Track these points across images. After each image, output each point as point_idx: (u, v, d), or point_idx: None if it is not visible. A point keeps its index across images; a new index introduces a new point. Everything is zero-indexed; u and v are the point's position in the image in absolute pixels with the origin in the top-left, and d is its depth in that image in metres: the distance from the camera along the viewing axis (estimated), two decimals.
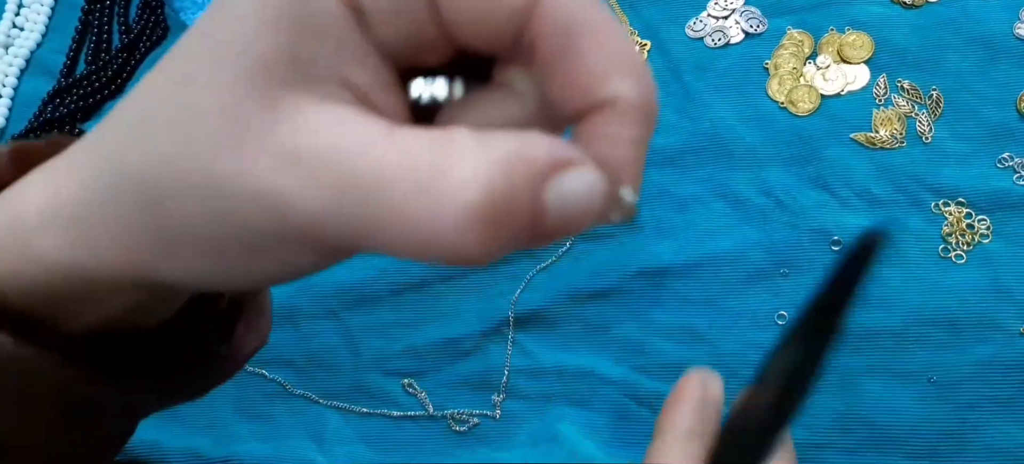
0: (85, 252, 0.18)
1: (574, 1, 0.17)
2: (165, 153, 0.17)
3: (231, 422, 0.49)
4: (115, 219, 0.18)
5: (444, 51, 0.18)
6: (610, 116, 0.17)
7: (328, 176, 0.15)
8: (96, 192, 0.18)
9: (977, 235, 0.48)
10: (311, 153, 0.15)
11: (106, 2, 0.66)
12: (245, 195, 0.16)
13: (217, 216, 0.16)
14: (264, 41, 0.16)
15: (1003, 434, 0.43)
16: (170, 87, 0.17)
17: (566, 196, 0.15)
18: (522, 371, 0.49)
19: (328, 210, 0.15)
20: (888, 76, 0.52)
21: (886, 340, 0.46)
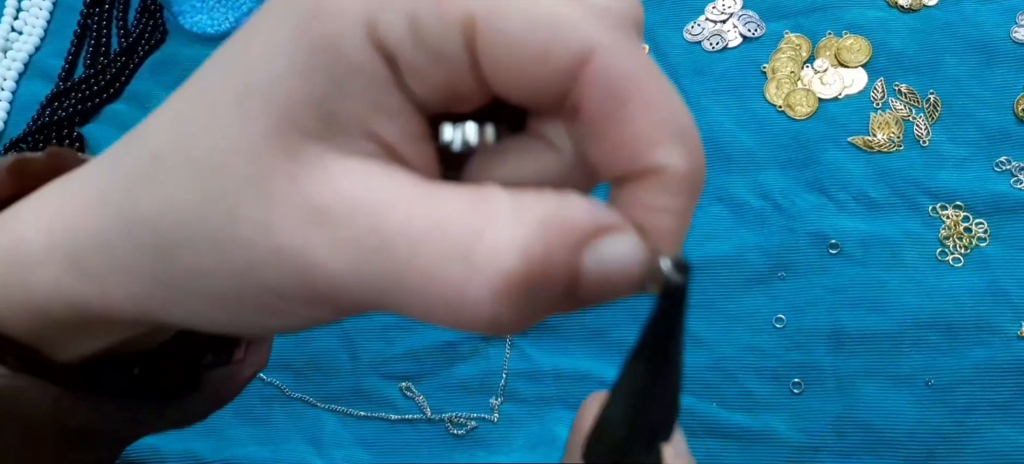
0: (92, 290, 0.18)
1: (627, 59, 0.15)
2: (181, 200, 0.16)
3: (229, 425, 0.49)
4: (125, 262, 0.17)
5: (478, 101, 0.16)
6: (656, 184, 0.15)
7: (353, 235, 0.14)
8: (106, 232, 0.17)
9: (974, 238, 0.48)
10: (336, 210, 0.15)
11: (105, 6, 0.66)
12: (266, 251, 0.15)
13: (234, 271, 0.16)
14: (292, 88, 0.15)
15: (1000, 437, 0.44)
16: (188, 127, 0.16)
17: (605, 263, 0.15)
18: (520, 374, 0.49)
19: (352, 271, 0.14)
20: (886, 80, 0.52)
21: (883, 343, 0.46)
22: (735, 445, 0.45)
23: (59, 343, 0.20)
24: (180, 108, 0.17)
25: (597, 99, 0.15)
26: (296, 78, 0.15)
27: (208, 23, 0.62)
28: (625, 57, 0.15)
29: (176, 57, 0.63)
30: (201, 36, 0.63)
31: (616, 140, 0.15)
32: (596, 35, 0.15)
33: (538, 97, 0.16)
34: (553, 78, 0.15)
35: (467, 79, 0.15)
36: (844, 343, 0.46)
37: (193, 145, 0.16)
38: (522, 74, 0.15)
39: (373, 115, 0.15)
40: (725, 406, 0.46)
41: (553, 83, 0.15)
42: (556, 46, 0.15)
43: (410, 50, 0.15)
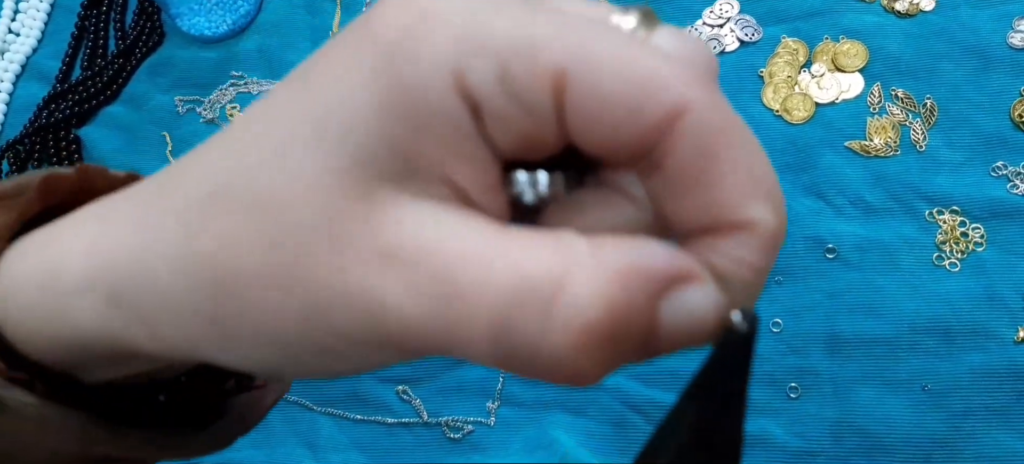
0: (138, 328, 0.17)
1: (718, 116, 0.15)
2: (245, 239, 0.15)
3: None
4: (177, 301, 0.16)
5: (554, 149, 0.16)
6: (740, 240, 0.15)
7: (429, 281, 0.14)
8: (154, 268, 0.16)
9: (971, 243, 0.48)
10: (411, 253, 0.14)
11: (102, 8, 0.66)
12: (337, 293, 0.15)
13: (300, 313, 0.15)
14: (372, 129, 0.14)
15: (996, 442, 0.44)
16: (253, 162, 0.15)
17: (684, 313, 0.14)
18: (517, 378, 0.49)
19: (427, 316, 0.14)
20: (882, 84, 0.52)
21: (879, 348, 0.46)
22: None
23: (89, 370, 0.19)
24: (243, 141, 0.16)
25: (687, 155, 0.15)
26: (375, 118, 0.14)
27: (205, 25, 0.62)
28: (716, 113, 0.15)
29: (173, 59, 0.63)
30: (198, 38, 0.63)
31: (703, 196, 0.15)
32: (689, 92, 0.14)
33: (621, 151, 0.15)
34: (642, 134, 0.15)
35: (549, 130, 0.15)
36: (841, 348, 0.47)
37: (259, 182, 0.15)
38: (610, 129, 0.15)
39: (451, 160, 0.15)
40: None
41: (641, 139, 0.15)
42: (648, 103, 0.14)
43: (497, 99, 0.14)
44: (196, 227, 0.16)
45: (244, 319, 0.16)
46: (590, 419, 0.48)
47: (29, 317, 0.18)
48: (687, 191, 0.15)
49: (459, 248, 0.14)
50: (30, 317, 0.18)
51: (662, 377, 0.48)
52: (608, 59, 0.14)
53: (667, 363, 0.48)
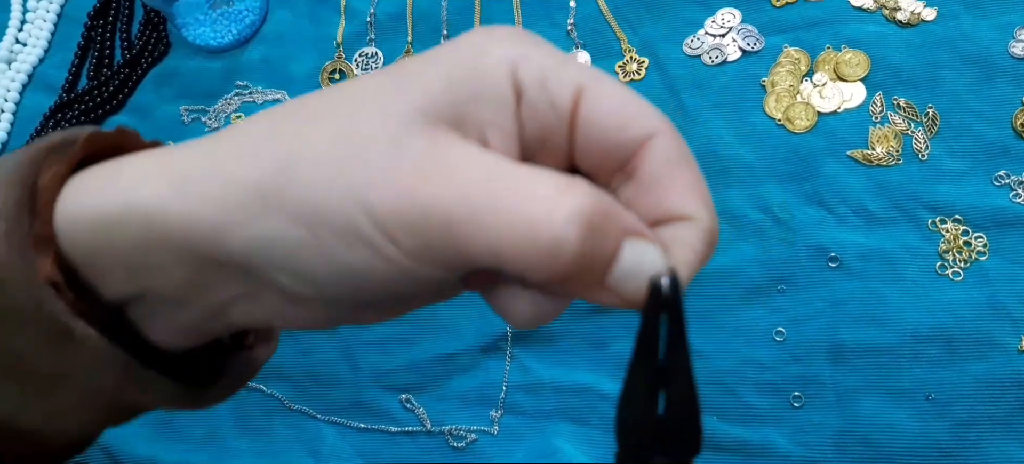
0: (181, 201, 0.20)
1: (679, 141, 0.22)
2: (322, 138, 0.20)
3: (229, 437, 0.49)
4: (232, 172, 0.20)
5: (558, 160, 0.22)
6: (686, 226, 0.21)
7: (465, 177, 0.19)
8: (220, 152, 0.20)
9: (974, 252, 0.48)
10: (457, 163, 0.19)
11: (108, 18, 0.66)
12: (384, 176, 0.19)
13: (346, 189, 0.19)
14: (440, 92, 0.20)
15: (1000, 452, 0.43)
16: (340, 100, 0.20)
17: (638, 257, 0.20)
18: (520, 387, 0.49)
19: (457, 200, 0.18)
20: (884, 94, 0.52)
21: (883, 357, 0.46)
22: (734, 459, 0.45)
23: (107, 275, 0.21)
24: (332, 92, 0.21)
25: (655, 164, 0.21)
26: (444, 86, 0.20)
27: (211, 36, 0.62)
28: (679, 140, 0.22)
29: (179, 69, 0.64)
30: (203, 49, 0.63)
31: (662, 195, 0.21)
32: (661, 122, 0.22)
33: (610, 157, 0.22)
34: (628, 142, 0.21)
35: (562, 131, 0.21)
36: (844, 356, 0.47)
37: (343, 110, 0.20)
38: (606, 134, 0.21)
39: (491, 127, 0.20)
40: (725, 419, 0.46)
41: (626, 146, 0.21)
42: (635, 120, 0.21)
43: (535, 91, 0.21)
44: (278, 134, 0.20)
45: (291, 189, 0.19)
46: (593, 428, 0.48)
47: (86, 212, 0.21)
48: (651, 192, 0.21)
49: (492, 162, 0.19)
50: (87, 212, 0.21)
51: None
52: (612, 88, 0.21)
53: None
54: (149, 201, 0.20)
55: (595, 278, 0.19)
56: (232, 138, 0.21)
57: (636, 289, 0.20)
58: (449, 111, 0.20)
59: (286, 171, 0.19)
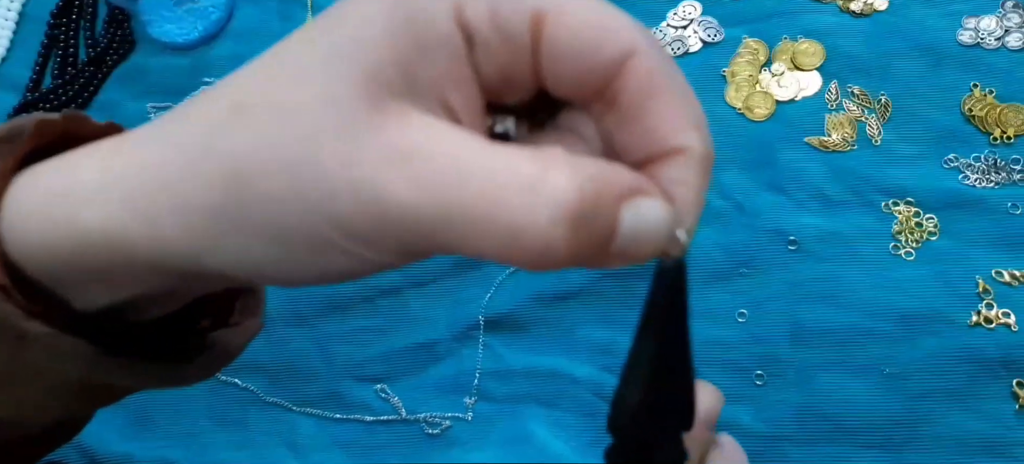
0: (143, 228, 0.18)
1: (662, 59, 0.18)
2: (264, 135, 0.17)
3: (205, 431, 0.50)
4: (186, 200, 0.18)
5: (526, 92, 0.19)
6: (679, 162, 0.19)
7: (430, 171, 0.16)
8: (170, 170, 0.18)
9: (925, 233, 0.50)
10: (416, 150, 0.17)
11: (72, 16, 0.66)
12: (343, 182, 0.17)
13: (307, 202, 0.17)
14: (383, 50, 0.17)
15: (951, 423, 0.46)
16: (276, 81, 0.18)
17: (640, 219, 0.17)
18: (493, 374, 0.50)
19: (427, 201, 0.16)
20: (839, 82, 0.54)
21: (840, 335, 0.48)
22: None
23: (87, 286, 0.20)
24: (267, 66, 0.18)
25: (636, 89, 0.18)
26: (386, 42, 0.17)
27: (176, 32, 0.62)
28: (661, 56, 0.18)
29: (144, 67, 0.63)
30: (169, 45, 0.63)
31: (648, 125, 0.19)
32: (640, 37, 0.18)
33: (584, 87, 0.19)
34: (601, 69, 0.18)
35: (525, 65, 0.18)
36: (803, 336, 0.48)
37: (281, 95, 0.17)
38: (576, 62, 0.18)
39: (447, 83, 0.18)
40: None
41: (600, 73, 0.18)
42: (608, 42, 0.18)
43: (486, 30, 0.18)
44: (216, 133, 0.18)
45: (250, 209, 0.17)
46: (564, 411, 0.49)
47: (36, 232, 0.19)
48: (636, 123, 0.19)
49: (457, 149, 0.17)
50: (37, 232, 0.19)
51: None
52: (576, 5, 0.18)
53: None
54: (106, 226, 0.19)
55: (599, 254, 0.17)
56: (178, 148, 0.18)
57: (645, 250, 0.18)
58: (398, 77, 0.17)
59: (241, 191, 0.17)
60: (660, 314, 0.20)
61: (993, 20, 0.54)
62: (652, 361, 0.20)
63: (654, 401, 0.20)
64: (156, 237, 0.19)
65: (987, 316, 0.47)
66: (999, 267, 0.48)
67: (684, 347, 0.20)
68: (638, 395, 0.20)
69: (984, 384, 0.46)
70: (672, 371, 0.20)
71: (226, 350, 0.25)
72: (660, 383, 0.20)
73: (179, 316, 0.24)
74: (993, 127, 0.51)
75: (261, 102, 0.18)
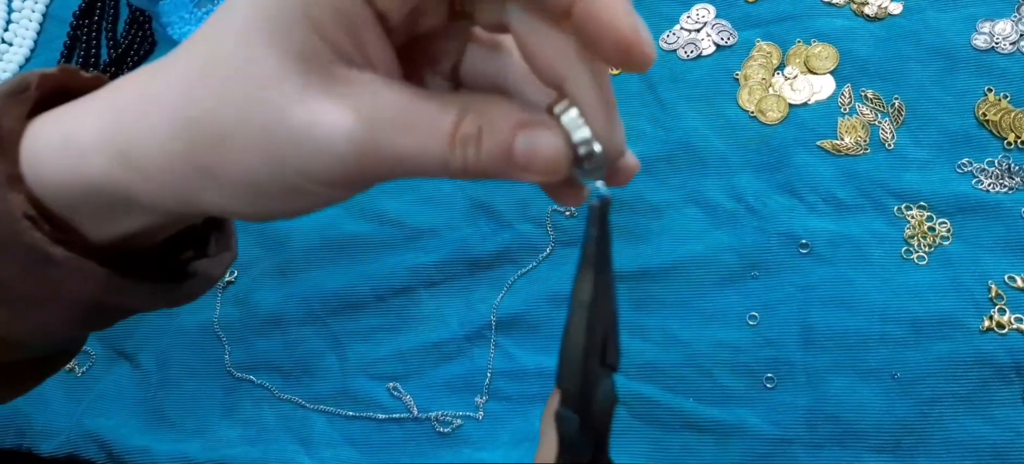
0: (138, 179, 0.22)
1: None
2: (233, 101, 0.21)
3: (219, 427, 0.50)
4: (173, 155, 0.21)
5: (440, 14, 0.23)
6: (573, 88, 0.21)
7: (372, 116, 0.20)
8: (157, 130, 0.22)
9: (938, 237, 0.50)
10: (363, 98, 0.21)
11: (94, 18, 0.67)
12: (303, 138, 0.20)
13: (272, 159, 0.21)
14: (303, 28, 0.20)
15: (962, 428, 0.45)
16: (231, 51, 0.21)
17: (532, 144, 0.21)
18: (504, 373, 0.51)
19: (370, 143, 0.20)
20: (852, 86, 0.54)
21: (851, 339, 0.48)
22: (710, 438, 0.47)
23: (98, 221, 0.24)
24: (219, 35, 0.22)
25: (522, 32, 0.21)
26: (302, 21, 0.20)
27: None
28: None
29: None
30: None
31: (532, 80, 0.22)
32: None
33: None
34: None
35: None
36: (814, 339, 0.48)
37: (234, 66, 0.21)
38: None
39: (364, 47, 0.21)
40: (701, 401, 0.48)
41: None
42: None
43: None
44: (193, 95, 0.21)
45: (227, 167, 0.21)
46: None
47: (50, 177, 0.23)
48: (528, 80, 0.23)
49: (397, 96, 0.21)
50: (51, 177, 0.23)
51: (643, 370, 0.49)
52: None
53: (647, 356, 0.49)
54: (108, 177, 0.22)
55: (500, 168, 0.21)
56: (161, 109, 0.22)
57: (543, 164, 0.21)
58: (323, 46, 0.20)
59: (215, 151, 0.21)
60: (592, 253, 0.22)
61: (1008, 24, 0.54)
62: (590, 302, 0.22)
63: (591, 342, 0.22)
64: (150, 187, 0.22)
65: (999, 321, 0.47)
66: (1012, 272, 0.48)
67: (611, 285, 0.22)
68: (582, 339, 0.21)
69: (995, 389, 0.46)
70: (604, 309, 0.22)
71: (207, 276, 0.29)
72: (596, 323, 0.22)
73: (165, 250, 0.28)
74: (1007, 132, 0.51)
75: (221, 69, 0.21)
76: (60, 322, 0.26)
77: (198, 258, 0.29)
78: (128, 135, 0.22)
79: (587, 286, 0.22)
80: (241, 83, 0.21)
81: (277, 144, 0.21)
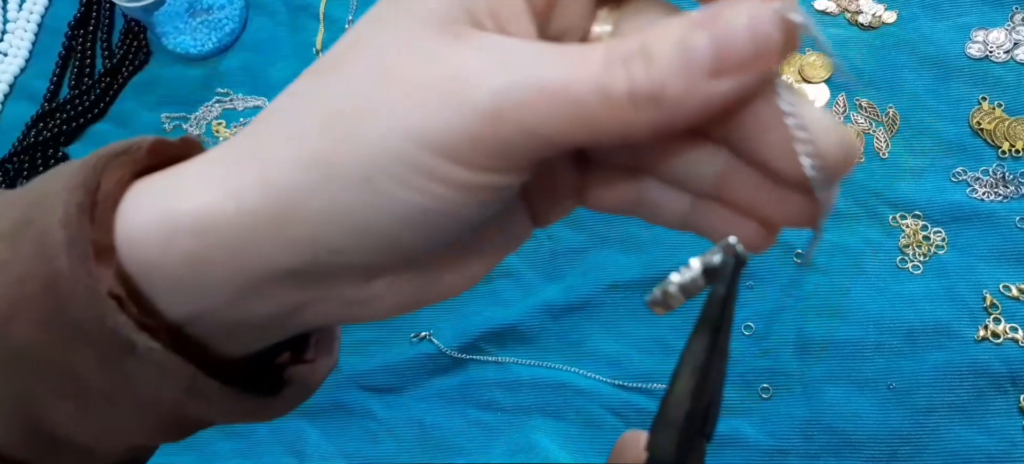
0: (229, 201, 0.19)
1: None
2: (362, 75, 0.19)
3: (213, 440, 0.50)
4: (276, 156, 0.19)
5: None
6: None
7: (505, 60, 0.18)
8: (263, 137, 0.19)
9: (933, 246, 0.50)
10: (489, 49, 0.18)
11: (89, 28, 0.67)
12: (427, 89, 0.18)
13: (393, 120, 0.18)
14: (442, 3, 0.18)
15: (957, 438, 0.45)
16: (361, 35, 0.19)
17: (719, 26, 0.17)
18: (498, 384, 0.51)
19: (505, 86, 0.17)
20: (847, 95, 0.54)
21: (847, 349, 0.48)
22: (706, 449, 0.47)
23: (177, 301, 0.20)
24: (351, 31, 0.20)
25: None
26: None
27: (190, 44, 0.63)
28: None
29: (159, 77, 0.64)
30: (184, 57, 0.64)
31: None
32: None
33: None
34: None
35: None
36: (810, 349, 0.48)
37: (360, 45, 0.19)
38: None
39: (503, 12, 0.19)
40: None
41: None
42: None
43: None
44: (312, 87, 0.19)
45: (337, 147, 0.18)
46: (569, 423, 0.49)
47: (145, 251, 0.19)
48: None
49: (521, 44, 0.18)
50: (146, 251, 0.19)
51: (639, 381, 0.49)
52: None
53: (643, 367, 0.49)
54: (201, 210, 0.19)
55: (699, 82, 0.17)
56: (274, 119, 0.20)
57: (747, 46, 0.17)
58: (462, 11, 0.18)
59: (335, 129, 0.18)
60: (715, 312, 0.19)
61: (1002, 33, 0.54)
62: (702, 366, 0.19)
63: (695, 408, 0.19)
64: (241, 208, 0.19)
65: (994, 330, 0.47)
66: (1007, 281, 0.48)
67: (726, 350, 0.20)
68: (687, 404, 0.19)
69: (991, 399, 0.46)
70: (715, 375, 0.20)
71: (305, 386, 0.24)
72: (703, 389, 0.20)
73: (260, 355, 0.24)
74: (1002, 141, 0.51)
75: (340, 54, 0.19)
76: (132, 427, 0.22)
77: (295, 362, 0.24)
78: (229, 159, 0.19)
79: (701, 347, 0.20)
80: (363, 57, 0.19)
81: (390, 100, 0.18)
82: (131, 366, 0.20)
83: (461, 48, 0.18)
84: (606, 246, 0.52)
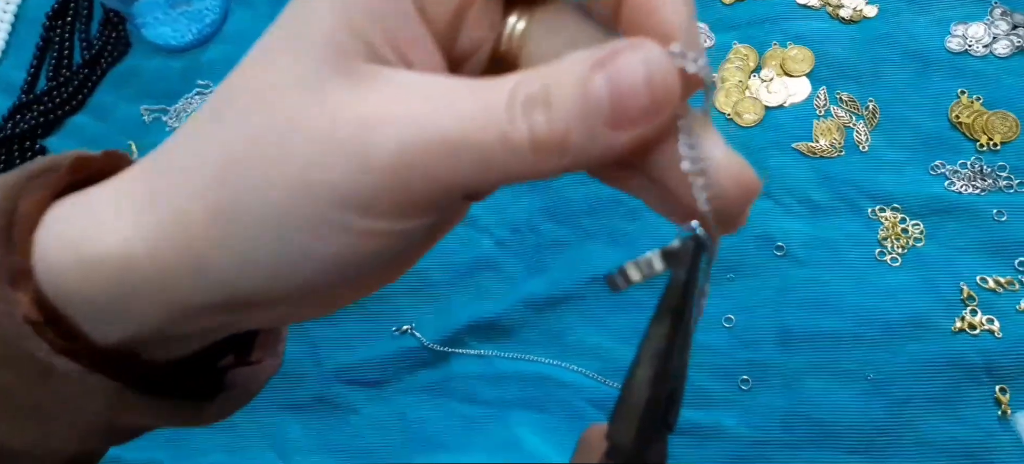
0: (144, 246, 0.19)
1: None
2: (249, 121, 0.18)
3: (192, 433, 0.50)
4: (185, 202, 0.18)
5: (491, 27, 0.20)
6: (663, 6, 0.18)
7: (407, 115, 0.17)
8: (171, 181, 0.19)
9: (911, 239, 0.50)
10: (391, 101, 0.17)
11: (67, 18, 0.66)
12: (332, 147, 0.17)
13: (297, 177, 0.17)
14: (333, 24, 0.18)
15: (934, 428, 0.46)
16: (252, 68, 0.19)
17: (620, 71, 0.17)
18: (481, 378, 0.51)
19: (409, 142, 0.17)
20: (828, 88, 0.54)
21: (826, 340, 0.48)
22: (687, 440, 0.47)
23: (100, 324, 0.20)
24: (246, 61, 0.19)
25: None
26: (332, 17, 0.18)
27: (171, 35, 0.63)
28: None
29: (138, 69, 0.64)
30: (163, 48, 0.63)
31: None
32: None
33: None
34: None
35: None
36: (790, 341, 0.49)
37: (256, 82, 0.18)
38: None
39: (404, 44, 0.18)
40: None
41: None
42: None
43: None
44: (206, 129, 0.19)
45: (246, 199, 0.18)
46: (551, 415, 0.49)
47: (58, 267, 0.19)
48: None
49: (425, 89, 0.18)
50: (60, 267, 0.19)
51: (621, 373, 0.49)
52: None
53: (626, 359, 0.49)
54: (116, 252, 0.19)
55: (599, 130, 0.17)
56: (171, 159, 0.19)
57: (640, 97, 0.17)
58: (353, 42, 0.18)
59: (235, 181, 0.18)
60: (675, 299, 0.19)
61: (981, 27, 0.54)
62: (662, 353, 0.19)
63: (655, 397, 0.19)
64: (156, 257, 0.19)
65: (971, 322, 0.47)
66: (984, 273, 0.48)
67: (689, 338, 0.20)
68: (646, 392, 0.19)
69: (967, 390, 0.46)
70: (676, 364, 0.20)
71: (245, 389, 0.24)
72: (664, 377, 0.19)
73: (199, 355, 0.24)
74: (980, 134, 0.51)
75: (240, 91, 0.19)
76: (64, 439, 0.22)
77: (238, 364, 0.25)
78: (140, 200, 0.19)
79: (661, 334, 0.19)
80: (254, 95, 0.18)
81: (295, 156, 0.17)
82: (54, 385, 0.20)
83: (362, 92, 0.17)
84: (590, 240, 0.52)
